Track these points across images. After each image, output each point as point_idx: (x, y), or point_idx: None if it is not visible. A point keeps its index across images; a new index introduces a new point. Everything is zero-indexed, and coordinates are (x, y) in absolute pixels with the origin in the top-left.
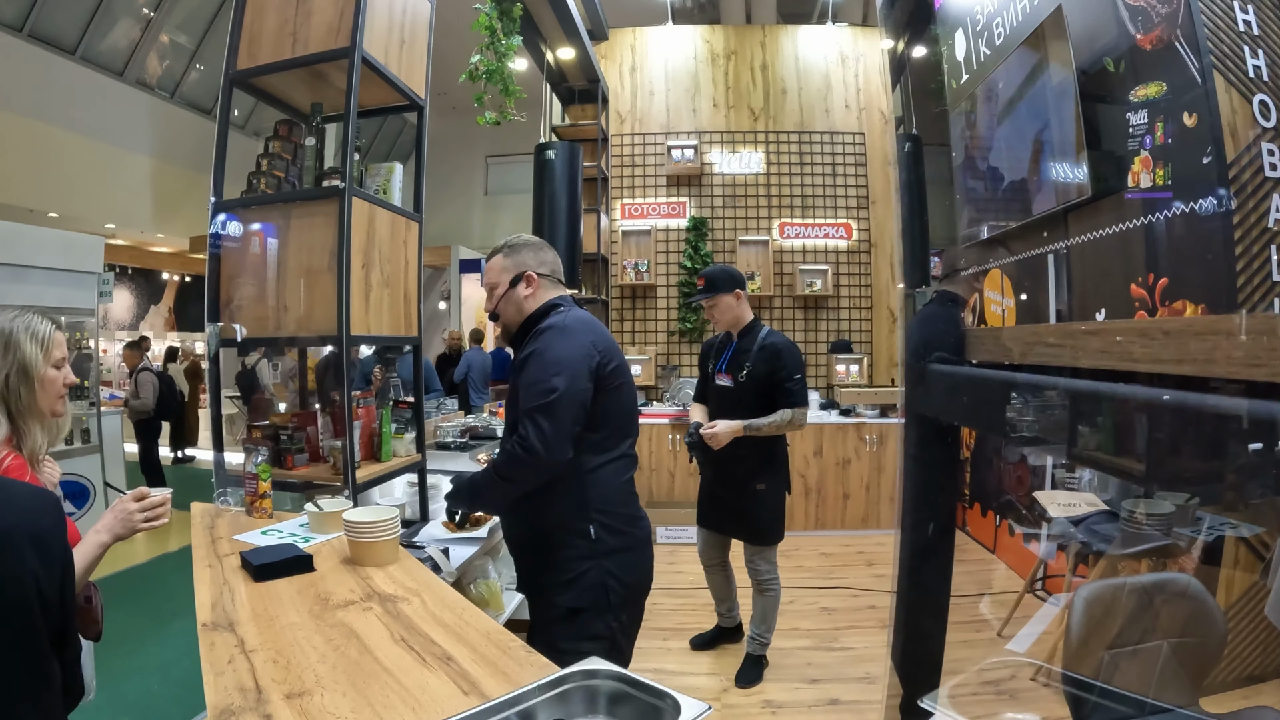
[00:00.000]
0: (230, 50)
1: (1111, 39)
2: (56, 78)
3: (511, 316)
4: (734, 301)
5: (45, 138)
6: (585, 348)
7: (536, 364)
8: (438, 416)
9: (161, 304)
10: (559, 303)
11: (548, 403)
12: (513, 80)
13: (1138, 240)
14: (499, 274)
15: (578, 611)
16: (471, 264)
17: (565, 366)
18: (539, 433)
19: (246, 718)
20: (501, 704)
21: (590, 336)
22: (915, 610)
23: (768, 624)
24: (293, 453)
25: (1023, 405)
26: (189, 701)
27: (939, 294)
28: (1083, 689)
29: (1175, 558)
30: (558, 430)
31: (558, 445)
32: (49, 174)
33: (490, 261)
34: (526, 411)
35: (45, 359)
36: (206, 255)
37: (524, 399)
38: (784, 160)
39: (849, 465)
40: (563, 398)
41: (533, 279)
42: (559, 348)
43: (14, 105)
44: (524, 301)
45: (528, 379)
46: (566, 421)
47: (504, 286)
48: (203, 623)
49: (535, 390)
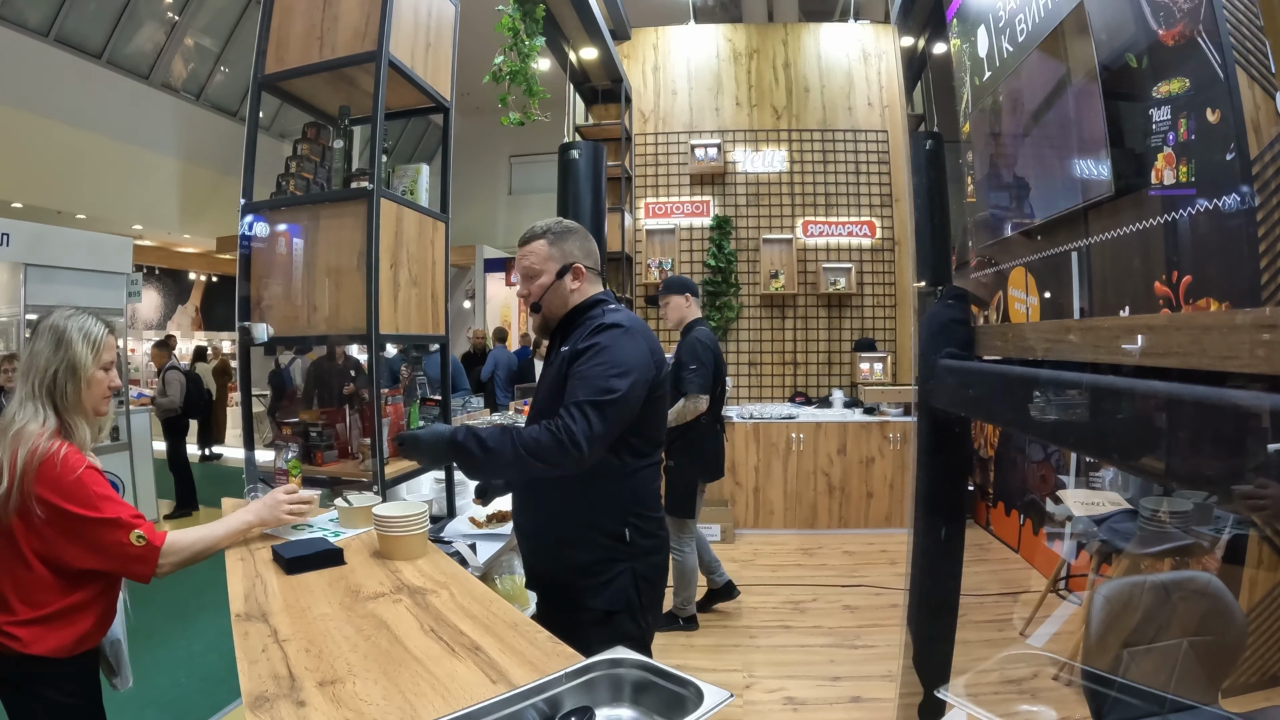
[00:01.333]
0: (258, 54)
1: (1134, 35)
2: (83, 81)
3: (555, 309)
4: (683, 303)
5: (72, 140)
6: (646, 356)
7: (599, 360)
8: (464, 414)
9: (189, 304)
10: (604, 298)
11: (604, 401)
12: (536, 81)
13: (1161, 238)
14: (543, 262)
15: (612, 614)
16: (496, 263)
17: (629, 371)
18: (586, 427)
19: (281, 704)
20: (528, 691)
21: (648, 343)
22: (927, 607)
23: (683, 591)
24: (322, 449)
25: (1035, 399)
26: (217, 694)
27: (949, 290)
28: (1102, 685)
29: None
30: (606, 432)
31: (598, 446)
32: (77, 176)
33: (532, 246)
34: (579, 403)
35: (95, 360)
36: (235, 255)
37: (579, 388)
38: (807, 158)
39: (873, 464)
40: (619, 401)
41: (581, 272)
42: (626, 350)
43: (41, 108)
44: (570, 295)
45: (587, 371)
46: (614, 426)
47: (549, 277)
48: (236, 613)
49: (594, 385)
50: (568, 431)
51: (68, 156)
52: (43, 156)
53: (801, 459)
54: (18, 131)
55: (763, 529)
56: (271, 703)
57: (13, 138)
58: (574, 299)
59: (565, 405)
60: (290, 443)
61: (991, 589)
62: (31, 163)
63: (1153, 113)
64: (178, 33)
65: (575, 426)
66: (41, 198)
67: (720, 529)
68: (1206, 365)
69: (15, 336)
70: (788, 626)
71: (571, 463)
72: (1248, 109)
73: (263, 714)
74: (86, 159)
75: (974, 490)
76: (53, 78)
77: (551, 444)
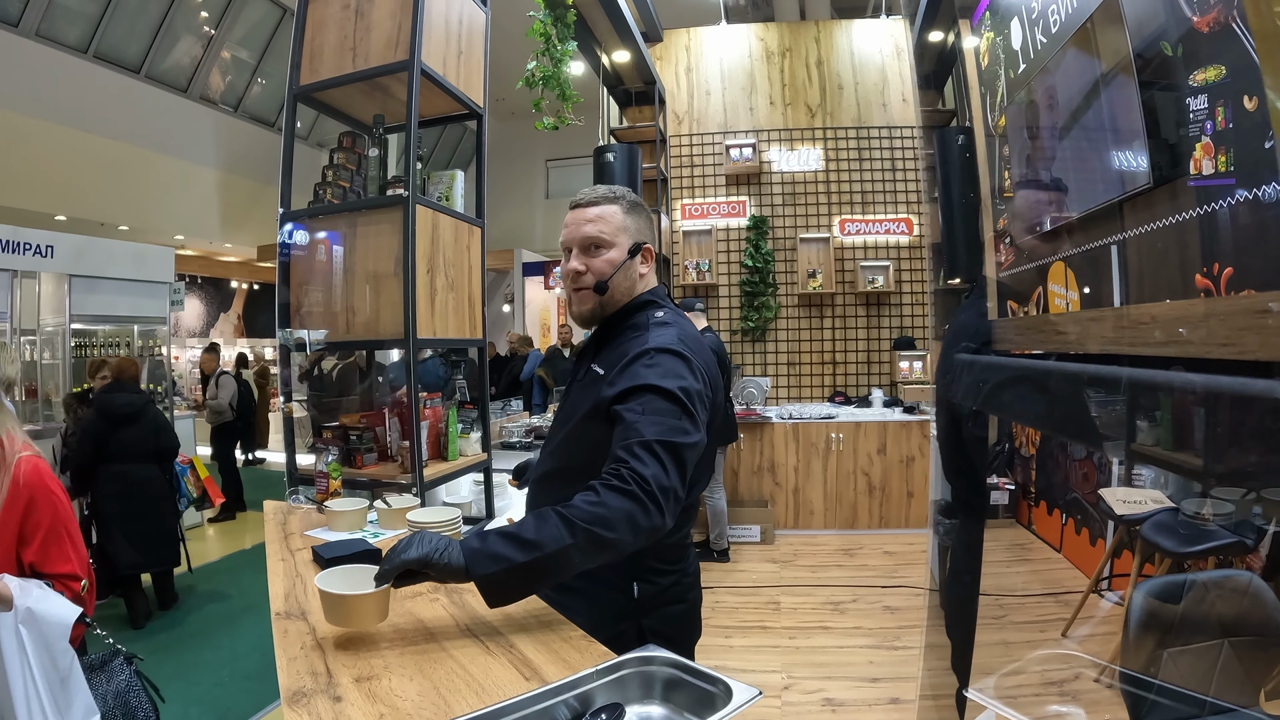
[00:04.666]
0: (293, 67)
1: (1168, 22)
2: (123, 95)
3: (619, 297)
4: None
5: (114, 154)
6: (702, 389)
7: (663, 391)
8: (504, 416)
9: (231, 311)
10: (658, 300)
11: (679, 444)
12: (569, 85)
13: (1201, 229)
14: (616, 233)
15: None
16: (534, 266)
17: (694, 406)
18: (660, 473)
19: (318, 699)
20: (560, 687)
21: (706, 369)
22: (958, 605)
23: (717, 528)
24: (362, 452)
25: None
26: (258, 693)
27: (977, 286)
28: (1140, 687)
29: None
30: (681, 484)
31: (676, 506)
32: (119, 188)
33: (602, 210)
34: (647, 442)
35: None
36: (276, 263)
37: (648, 425)
38: (843, 156)
39: (913, 463)
40: (696, 447)
41: (650, 255)
42: (689, 381)
43: (82, 123)
44: (637, 282)
45: (654, 405)
46: (687, 477)
47: (621, 252)
48: (276, 612)
49: (663, 422)
50: (639, 480)
51: (109, 169)
52: (85, 170)
53: (841, 459)
54: (60, 146)
55: (803, 529)
56: (309, 698)
57: (55, 152)
58: (639, 287)
59: (626, 446)
60: (331, 446)
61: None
62: (74, 176)
63: (1189, 101)
64: (214, 46)
65: (649, 472)
66: (84, 210)
67: (760, 530)
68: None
69: (61, 346)
70: (827, 627)
71: (656, 522)
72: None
73: (300, 709)
74: (128, 171)
75: (1015, 489)
76: (93, 93)
77: (624, 504)
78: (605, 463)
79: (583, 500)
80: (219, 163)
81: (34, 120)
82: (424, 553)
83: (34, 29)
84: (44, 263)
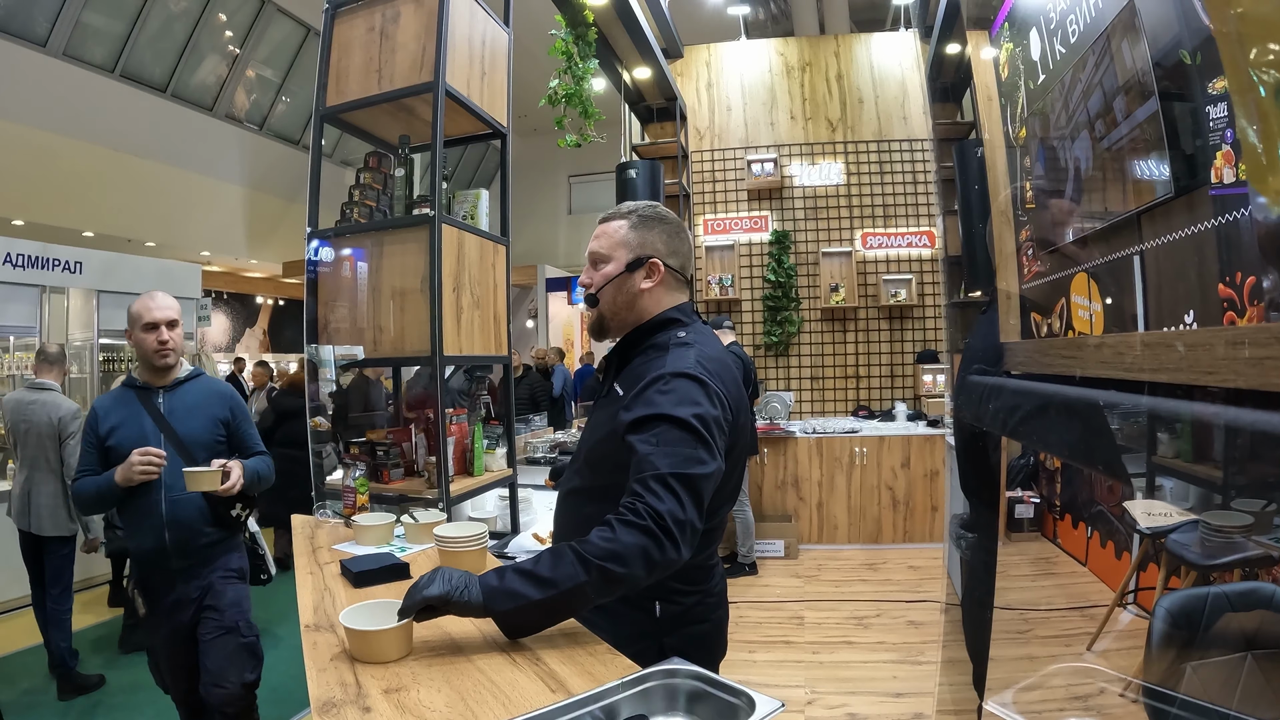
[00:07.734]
0: (319, 88)
1: (1187, 30)
2: (149, 114)
3: (616, 310)
4: None
5: (141, 171)
6: (719, 414)
7: (677, 420)
8: (528, 431)
9: (256, 326)
10: (682, 319)
11: (694, 475)
12: (591, 103)
13: (1224, 238)
14: (614, 247)
15: None
16: (558, 282)
17: (710, 433)
18: (676, 507)
19: (347, 710)
20: (586, 699)
21: (725, 395)
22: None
23: (746, 542)
24: (389, 467)
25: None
26: (286, 704)
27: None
28: (1163, 701)
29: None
30: (698, 515)
31: (693, 538)
32: (146, 205)
33: (607, 227)
34: (661, 476)
35: None
36: (302, 279)
37: (661, 457)
38: (864, 170)
39: (937, 477)
40: (712, 477)
41: (658, 269)
42: (705, 407)
43: (109, 141)
44: (638, 296)
45: (668, 436)
46: (704, 508)
47: (617, 266)
48: (305, 624)
49: (678, 453)
50: (654, 515)
51: (136, 186)
52: (112, 187)
53: (865, 473)
54: (88, 163)
55: (826, 544)
56: (338, 708)
57: (83, 169)
58: (643, 303)
59: (641, 479)
60: (358, 461)
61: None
62: (102, 193)
63: (1209, 110)
64: (239, 65)
65: (664, 507)
66: (112, 227)
67: (784, 544)
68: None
69: (89, 360)
70: (851, 642)
71: (671, 557)
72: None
73: (330, 718)
74: (155, 188)
75: (1040, 503)
76: (120, 111)
77: (638, 540)
78: (625, 485)
79: (598, 536)
80: (244, 180)
81: (62, 138)
82: (444, 590)
83: (61, 49)
84: (73, 278)
